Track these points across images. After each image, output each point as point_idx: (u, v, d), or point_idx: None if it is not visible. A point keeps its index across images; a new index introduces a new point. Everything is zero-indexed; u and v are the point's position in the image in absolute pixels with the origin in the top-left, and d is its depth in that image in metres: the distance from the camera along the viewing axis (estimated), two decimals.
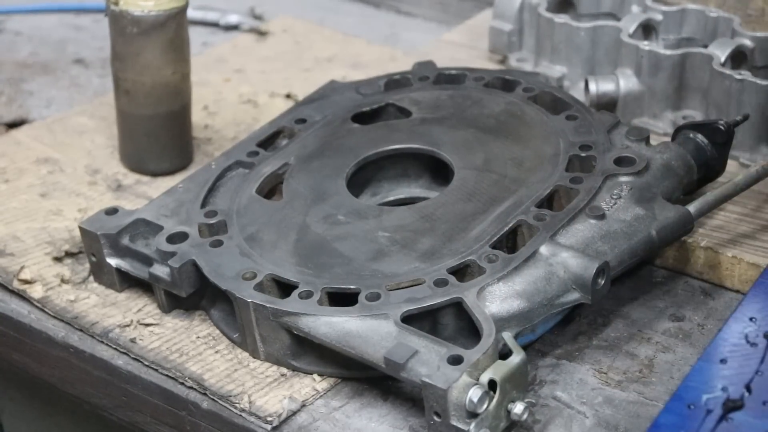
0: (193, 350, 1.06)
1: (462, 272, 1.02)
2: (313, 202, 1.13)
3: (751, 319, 1.01)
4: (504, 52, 1.47)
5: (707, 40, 1.34)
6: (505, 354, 0.94)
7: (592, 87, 1.33)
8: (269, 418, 0.98)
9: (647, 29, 1.38)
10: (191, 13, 1.44)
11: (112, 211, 1.13)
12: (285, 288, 1.03)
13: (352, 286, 1.01)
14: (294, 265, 1.05)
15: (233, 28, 1.66)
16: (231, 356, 1.05)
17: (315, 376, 1.03)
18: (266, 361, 1.04)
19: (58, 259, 1.18)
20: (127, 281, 1.13)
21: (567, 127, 1.18)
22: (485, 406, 0.91)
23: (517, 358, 0.93)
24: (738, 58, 1.31)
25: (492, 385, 0.91)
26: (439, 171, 1.21)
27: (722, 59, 1.28)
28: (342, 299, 1.01)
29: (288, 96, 1.45)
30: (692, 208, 1.09)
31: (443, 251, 1.04)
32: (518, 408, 0.93)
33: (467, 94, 1.27)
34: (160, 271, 1.07)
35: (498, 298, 0.99)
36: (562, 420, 0.98)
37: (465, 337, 0.99)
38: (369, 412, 1.00)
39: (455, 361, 0.92)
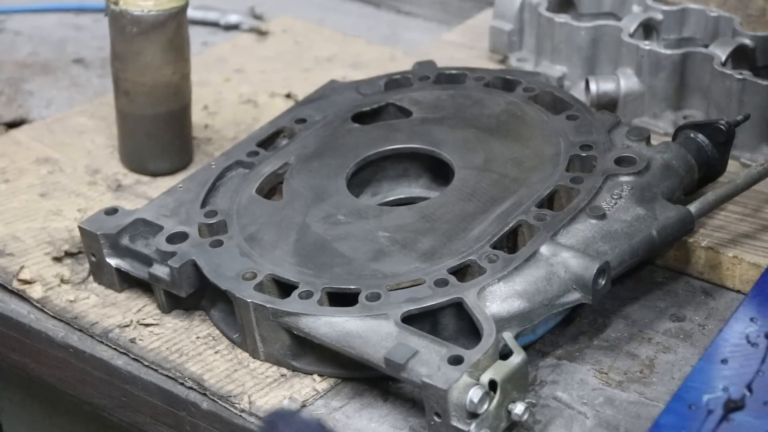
0: (193, 350, 1.06)
1: (462, 272, 1.02)
2: (313, 202, 1.13)
3: (751, 319, 1.01)
4: (504, 52, 1.47)
5: (708, 39, 1.34)
6: (505, 354, 0.94)
7: (593, 87, 1.33)
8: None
9: (648, 29, 1.38)
10: (191, 13, 1.44)
11: (111, 211, 1.13)
12: (285, 288, 1.03)
13: (352, 286, 1.01)
14: (294, 265, 1.05)
15: (233, 27, 1.66)
16: (231, 356, 1.05)
17: (315, 376, 1.02)
18: (266, 361, 1.04)
19: (57, 259, 1.18)
20: (126, 281, 1.13)
21: (567, 126, 1.18)
22: (486, 406, 0.91)
23: (517, 358, 0.93)
24: (739, 57, 1.31)
25: (492, 385, 0.91)
26: (439, 171, 1.20)
27: (723, 59, 1.28)
28: (342, 299, 1.01)
29: (288, 96, 1.45)
30: (693, 208, 1.09)
31: (443, 251, 1.04)
32: (519, 408, 0.93)
33: (468, 94, 1.27)
34: (160, 271, 1.07)
35: (498, 298, 0.99)
36: (563, 420, 0.98)
37: (465, 337, 0.98)
38: (369, 413, 1.00)
39: (456, 361, 0.92)
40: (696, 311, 1.10)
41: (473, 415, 0.91)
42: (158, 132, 1.28)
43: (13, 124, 1.42)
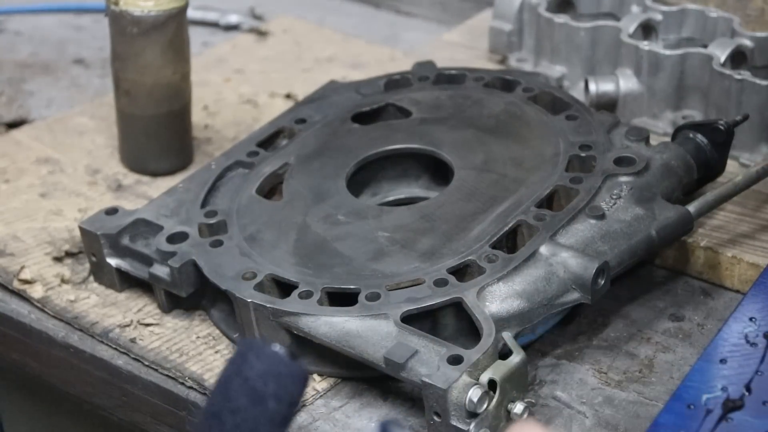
0: (193, 350, 1.06)
1: (462, 272, 1.02)
2: (313, 202, 1.13)
3: (750, 319, 1.01)
4: (504, 52, 1.47)
5: (707, 40, 1.34)
6: (504, 354, 0.94)
7: (592, 87, 1.33)
8: None
9: (647, 29, 1.38)
10: (191, 13, 1.44)
11: (112, 211, 1.13)
12: (285, 288, 1.03)
13: (352, 286, 1.01)
14: (294, 265, 1.05)
15: (233, 28, 1.66)
16: None
17: (315, 376, 1.03)
18: None
19: (58, 259, 1.18)
20: (127, 281, 1.13)
21: (567, 127, 1.18)
22: (485, 406, 0.91)
23: (516, 358, 0.93)
24: (738, 58, 1.31)
25: (492, 384, 0.92)
26: (439, 171, 1.21)
27: (722, 59, 1.28)
28: (342, 299, 1.01)
29: (288, 96, 1.45)
30: (692, 208, 1.09)
31: (443, 251, 1.04)
32: (518, 408, 0.93)
33: (467, 94, 1.27)
34: (160, 271, 1.07)
35: (498, 298, 0.99)
36: (562, 420, 0.98)
37: (465, 337, 0.99)
38: (369, 412, 1.00)
39: (455, 361, 0.92)
40: (695, 311, 1.10)
41: (473, 415, 0.91)
42: (158, 132, 1.28)
43: (13, 124, 1.42)
